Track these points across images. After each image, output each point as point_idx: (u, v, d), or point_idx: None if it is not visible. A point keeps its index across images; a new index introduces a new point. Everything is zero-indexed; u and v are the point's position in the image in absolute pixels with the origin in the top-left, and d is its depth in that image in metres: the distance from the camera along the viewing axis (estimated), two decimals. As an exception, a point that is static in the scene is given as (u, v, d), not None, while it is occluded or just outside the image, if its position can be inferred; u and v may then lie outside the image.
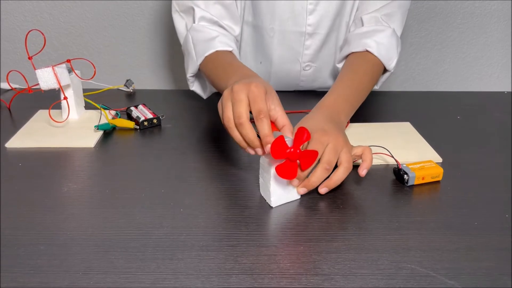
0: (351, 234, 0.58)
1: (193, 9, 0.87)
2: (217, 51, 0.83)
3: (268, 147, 0.58)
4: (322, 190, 0.64)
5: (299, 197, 0.65)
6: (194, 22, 0.88)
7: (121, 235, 0.57)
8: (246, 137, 0.60)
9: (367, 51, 0.86)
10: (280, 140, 0.57)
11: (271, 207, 0.63)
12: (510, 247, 0.56)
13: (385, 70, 0.90)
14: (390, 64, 0.88)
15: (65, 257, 0.54)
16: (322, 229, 0.59)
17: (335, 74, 1.02)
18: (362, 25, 0.90)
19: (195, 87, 0.92)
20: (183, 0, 0.88)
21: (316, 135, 0.64)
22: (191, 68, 0.88)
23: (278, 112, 0.62)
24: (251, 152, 0.62)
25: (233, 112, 0.60)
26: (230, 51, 0.84)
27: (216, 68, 0.81)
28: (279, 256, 0.54)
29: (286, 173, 0.59)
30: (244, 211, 0.62)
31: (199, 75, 0.91)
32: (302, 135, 0.58)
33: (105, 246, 0.55)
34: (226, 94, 0.63)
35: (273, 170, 0.60)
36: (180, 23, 0.91)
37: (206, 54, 0.83)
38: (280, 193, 0.62)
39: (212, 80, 0.82)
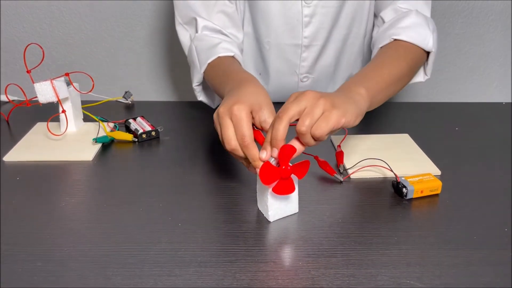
0: (350, 249, 0.58)
1: (196, 19, 0.87)
2: (219, 57, 0.83)
3: (258, 171, 0.58)
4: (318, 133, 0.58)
5: (297, 211, 0.65)
6: (197, 32, 0.88)
7: (118, 251, 0.57)
8: (240, 160, 0.61)
9: (395, 40, 0.81)
10: (266, 166, 0.57)
11: (269, 221, 0.62)
12: (510, 262, 0.56)
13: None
14: (427, 43, 0.81)
15: (62, 273, 0.53)
16: (321, 244, 0.58)
17: (333, 85, 1.02)
18: (384, 22, 0.87)
19: (202, 97, 0.92)
20: (185, 12, 0.89)
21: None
22: (196, 78, 0.88)
23: (269, 125, 0.61)
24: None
25: (223, 138, 0.61)
26: (232, 56, 0.84)
27: (217, 75, 0.81)
28: (277, 272, 0.54)
29: (283, 190, 0.59)
30: (242, 225, 0.62)
31: (206, 85, 0.91)
32: (287, 152, 0.58)
33: (102, 262, 0.55)
34: (215, 117, 0.63)
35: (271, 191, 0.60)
36: (184, 35, 0.91)
37: (209, 61, 0.83)
38: (277, 207, 0.62)
39: (214, 88, 0.82)
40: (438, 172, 0.74)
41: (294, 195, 0.63)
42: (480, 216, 0.64)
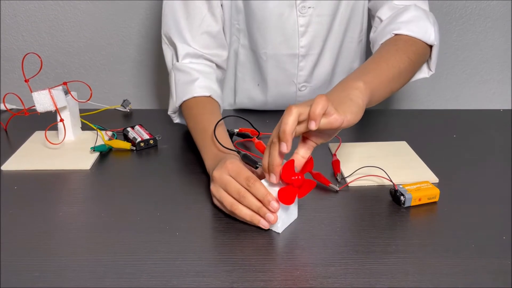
0: (348, 258, 0.57)
1: (175, 46, 0.87)
2: (194, 97, 0.83)
3: (273, 204, 0.59)
4: (312, 124, 0.56)
5: (296, 216, 0.65)
6: (177, 60, 0.88)
7: (116, 260, 0.57)
8: (253, 206, 0.60)
9: (396, 35, 0.79)
10: (290, 164, 0.58)
11: (267, 230, 0.62)
12: (508, 270, 0.56)
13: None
14: (429, 36, 0.79)
15: (59, 284, 0.53)
16: (319, 253, 0.58)
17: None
18: (381, 21, 0.86)
19: (178, 120, 0.92)
20: (169, 33, 0.89)
21: None
22: (171, 108, 0.88)
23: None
24: (265, 224, 0.61)
25: (230, 193, 0.62)
26: (209, 96, 0.84)
27: (191, 121, 0.82)
28: (275, 282, 0.53)
29: (286, 198, 0.59)
30: (240, 234, 0.62)
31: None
32: (287, 170, 0.58)
33: (99, 273, 0.55)
34: (212, 187, 0.65)
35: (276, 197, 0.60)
36: (168, 55, 0.91)
37: (184, 99, 0.84)
38: (284, 218, 0.62)
39: (189, 130, 0.83)
40: (436, 180, 0.74)
41: (294, 203, 0.63)
42: (479, 224, 0.64)
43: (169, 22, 0.88)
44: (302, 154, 0.61)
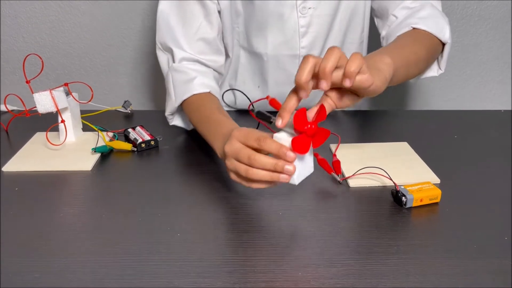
0: (349, 259, 0.57)
1: (172, 51, 0.88)
2: (194, 95, 0.83)
3: (290, 154, 0.57)
4: (347, 82, 0.58)
5: (312, 170, 0.63)
6: (174, 62, 0.89)
7: (117, 261, 0.57)
8: (267, 165, 0.59)
9: (414, 29, 0.82)
10: (302, 112, 0.57)
11: (268, 230, 0.62)
12: (509, 270, 0.56)
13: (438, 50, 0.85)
14: (444, 34, 0.83)
15: (60, 284, 0.53)
16: (320, 254, 0.58)
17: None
18: (397, 18, 0.88)
19: (174, 122, 0.91)
20: (164, 40, 0.89)
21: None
22: (169, 108, 0.88)
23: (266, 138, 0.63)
24: (285, 177, 0.59)
25: (242, 161, 0.61)
26: (208, 92, 0.84)
27: (194, 114, 0.82)
28: (277, 283, 0.53)
29: (300, 147, 0.58)
30: (242, 235, 0.61)
31: (180, 108, 0.90)
32: (300, 117, 0.58)
33: (101, 274, 0.55)
34: (227, 163, 0.64)
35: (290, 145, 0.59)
36: (163, 60, 0.92)
37: (184, 97, 0.84)
38: (300, 169, 0.60)
39: (194, 125, 0.83)
40: (438, 181, 0.74)
41: (310, 154, 0.62)
42: (480, 225, 0.64)
43: (164, 30, 0.89)
44: (316, 106, 0.60)
